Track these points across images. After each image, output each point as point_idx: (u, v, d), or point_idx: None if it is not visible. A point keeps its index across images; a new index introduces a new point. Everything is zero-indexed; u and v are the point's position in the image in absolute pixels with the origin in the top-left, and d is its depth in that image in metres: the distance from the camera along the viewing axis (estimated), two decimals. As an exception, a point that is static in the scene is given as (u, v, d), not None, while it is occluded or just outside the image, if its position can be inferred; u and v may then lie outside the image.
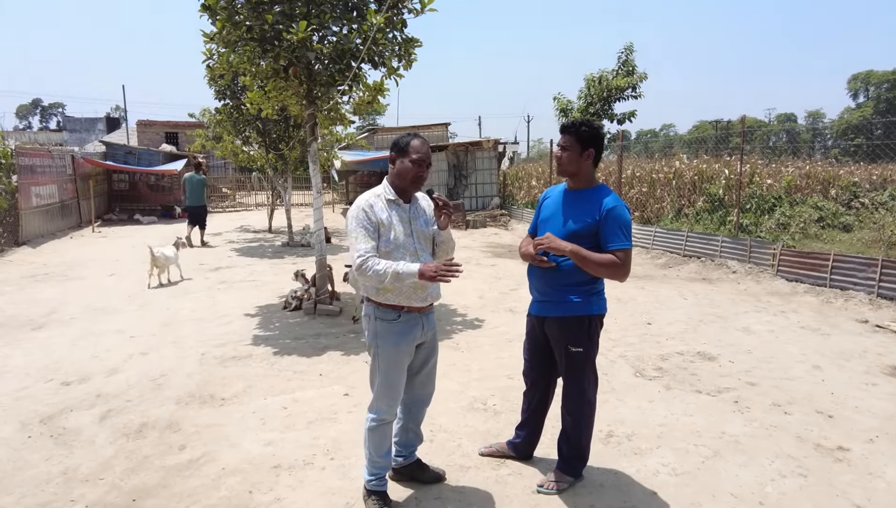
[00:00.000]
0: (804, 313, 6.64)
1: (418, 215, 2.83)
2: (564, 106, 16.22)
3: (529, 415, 3.27)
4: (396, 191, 2.77)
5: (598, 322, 2.94)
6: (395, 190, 2.78)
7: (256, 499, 2.96)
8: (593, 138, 2.88)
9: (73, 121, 45.82)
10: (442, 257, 2.90)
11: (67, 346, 5.50)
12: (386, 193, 2.77)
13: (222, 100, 12.03)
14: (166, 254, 8.38)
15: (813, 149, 18.69)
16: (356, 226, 2.69)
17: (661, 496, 2.98)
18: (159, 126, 33.16)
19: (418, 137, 2.77)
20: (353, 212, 2.72)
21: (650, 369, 4.82)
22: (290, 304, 6.92)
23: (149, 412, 4.00)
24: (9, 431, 3.73)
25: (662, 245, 10.68)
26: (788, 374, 4.71)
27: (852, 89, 57.76)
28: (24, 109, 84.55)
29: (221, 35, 5.84)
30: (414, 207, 2.84)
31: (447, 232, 2.86)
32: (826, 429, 3.72)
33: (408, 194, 2.82)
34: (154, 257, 8.11)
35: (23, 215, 12.48)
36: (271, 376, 4.71)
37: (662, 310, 6.79)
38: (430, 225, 2.87)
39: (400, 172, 2.76)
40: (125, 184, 20.46)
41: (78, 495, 3.01)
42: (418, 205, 2.87)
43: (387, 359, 2.76)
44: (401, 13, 5.96)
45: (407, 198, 2.82)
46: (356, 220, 2.69)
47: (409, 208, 2.81)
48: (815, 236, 9.51)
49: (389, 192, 2.77)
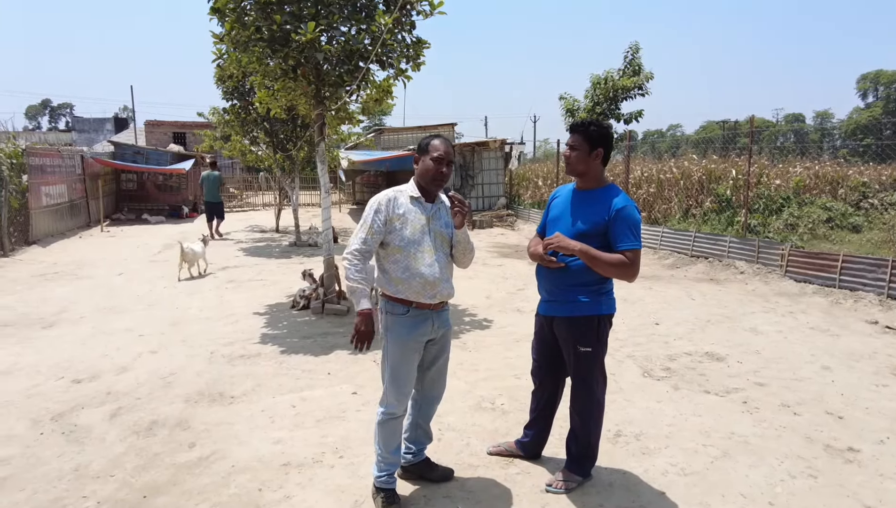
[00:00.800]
0: (813, 314, 6.60)
1: (440, 216, 2.88)
2: (571, 106, 16.17)
3: (538, 415, 3.27)
4: (420, 190, 2.84)
5: (607, 322, 2.93)
6: (420, 189, 2.85)
7: (266, 497, 2.98)
8: (602, 138, 2.88)
9: (81, 121, 46.12)
10: (460, 259, 2.94)
11: (78, 344, 5.55)
12: (411, 190, 2.85)
13: (230, 100, 12.09)
14: (194, 249, 9.00)
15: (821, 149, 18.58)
16: (369, 215, 2.78)
17: (669, 495, 2.97)
18: (167, 126, 33.35)
19: (439, 137, 2.87)
20: (372, 201, 2.81)
21: (658, 369, 4.81)
22: (298, 303, 6.95)
23: (158, 410, 4.03)
24: (21, 428, 3.77)
25: (670, 246, 10.64)
26: (797, 375, 4.69)
27: (861, 89, 57.39)
28: (33, 110, 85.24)
29: (230, 36, 5.87)
30: (436, 207, 2.89)
31: (463, 233, 2.89)
32: (836, 430, 3.71)
33: (431, 194, 2.87)
34: (183, 252, 8.73)
35: (33, 214, 12.58)
36: (280, 374, 4.73)
37: (670, 310, 6.77)
38: (450, 227, 2.91)
39: (422, 171, 2.83)
40: (133, 184, 20.57)
41: (89, 491, 3.04)
42: (442, 206, 2.92)
43: (395, 352, 2.80)
44: (409, 15, 5.97)
45: (431, 197, 2.87)
46: (371, 209, 2.79)
47: (430, 207, 2.86)
48: (824, 237, 9.45)
49: (414, 190, 2.84)
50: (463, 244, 2.90)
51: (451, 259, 2.92)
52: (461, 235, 2.88)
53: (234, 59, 6.28)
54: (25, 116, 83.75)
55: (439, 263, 2.80)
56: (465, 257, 2.95)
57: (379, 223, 2.75)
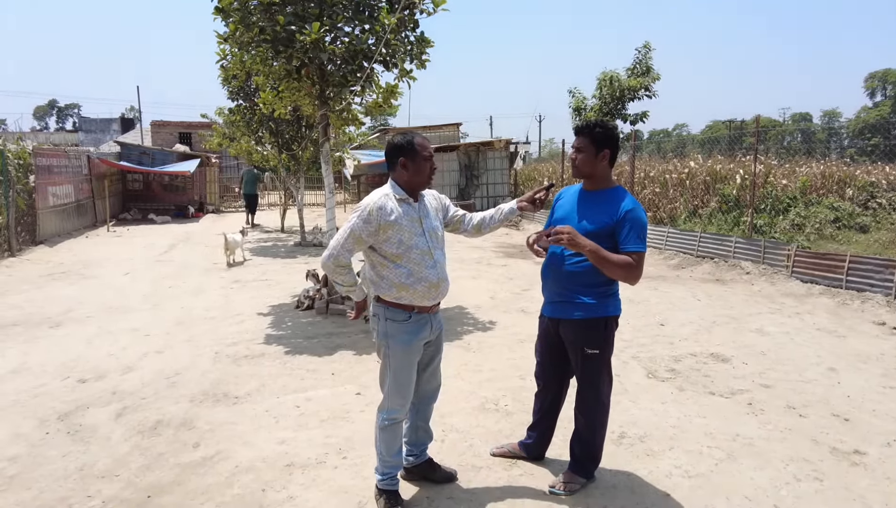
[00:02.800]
0: (819, 315, 6.56)
1: (427, 213, 2.85)
2: (580, 103, 16.12)
3: (541, 416, 3.26)
4: (406, 190, 2.78)
5: (613, 323, 2.92)
6: (405, 190, 2.78)
7: (269, 497, 2.98)
8: (608, 139, 2.87)
9: (88, 122, 46.40)
10: (483, 232, 3.13)
11: (84, 344, 5.57)
12: (395, 192, 2.77)
13: (235, 100, 12.14)
14: (236, 239, 10.31)
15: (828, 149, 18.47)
16: (357, 224, 2.69)
17: (674, 497, 2.96)
18: (173, 126, 33.43)
19: (418, 135, 2.82)
20: (359, 209, 2.71)
21: (663, 370, 4.79)
22: (303, 303, 6.97)
23: (163, 410, 4.04)
24: (28, 427, 3.79)
25: (675, 246, 10.60)
26: (803, 376, 4.66)
27: (869, 88, 56.97)
28: (41, 110, 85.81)
29: (235, 37, 5.89)
30: (422, 205, 2.85)
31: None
32: (842, 433, 3.68)
33: (417, 193, 2.83)
34: (227, 242, 10.07)
35: (40, 214, 12.66)
36: (284, 375, 4.74)
37: (675, 311, 6.74)
38: (440, 221, 2.92)
39: (415, 172, 2.76)
40: (139, 184, 20.68)
41: (94, 491, 3.05)
42: (425, 203, 2.88)
43: (397, 358, 2.77)
44: (413, 14, 5.97)
45: (416, 197, 2.83)
46: (359, 219, 2.69)
47: (418, 206, 2.82)
48: (831, 237, 9.40)
49: (399, 191, 2.77)
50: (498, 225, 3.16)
51: (445, 255, 2.92)
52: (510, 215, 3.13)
53: (238, 60, 6.30)
54: (33, 117, 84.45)
55: (439, 262, 2.80)
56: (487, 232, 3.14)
57: (368, 232, 2.68)
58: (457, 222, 3.09)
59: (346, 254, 2.75)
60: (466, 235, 3.13)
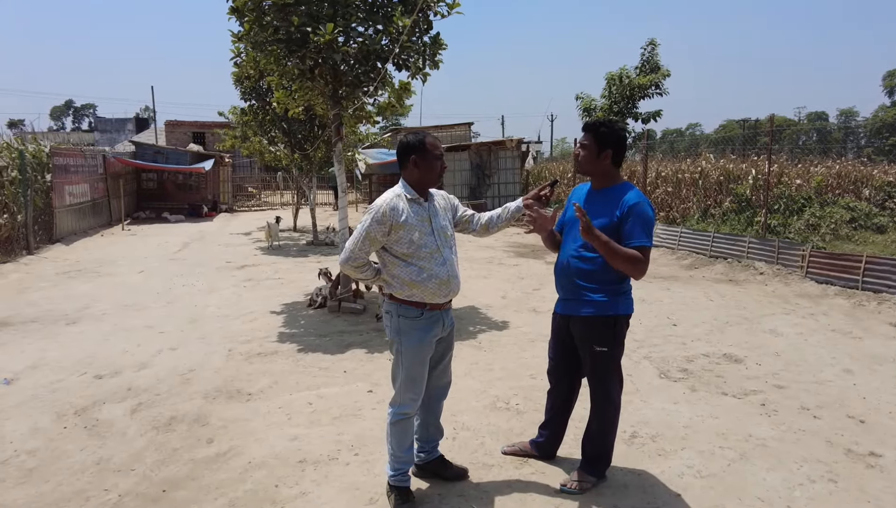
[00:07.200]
0: (835, 316, 6.49)
1: (437, 212, 2.89)
2: (588, 105, 16.04)
3: (553, 415, 3.26)
4: (417, 189, 2.83)
5: (624, 322, 2.92)
6: (416, 189, 2.83)
7: (282, 493, 3.01)
8: (612, 139, 2.87)
9: (104, 121, 46.99)
10: (491, 232, 3.14)
11: (100, 340, 5.65)
12: (406, 192, 2.82)
13: (248, 100, 12.23)
14: (276, 226, 12.45)
15: (845, 148, 18.23)
16: (372, 225, 2.74)
17: (685, 498, 2.95)
18: (187, 126, 33.77)
19: (429, 135, 2.88)
20: (372, 210, 2.76)
21: (675, 370, 4.76)
22: (315, 302, 7.01)
23: (178, 406, 4.09)
24: (46, 422, 3.86)
25: (688, 246, 10.53)
26: (818, 378, 4.61)
27: (888, 87, 56.06)
28: (57, 111, 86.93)
29: (249, 36, 5.93)
30: (431, 204, 2.89)
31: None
32: (857, 434, 3.64)
33: (426, 192, 2.88)
34: (269, 227, 12.30)
35: (57, 213, 12.84)
36: (296, 372, 4.78)
37: (688, 311, 6.70)
38: (448, 221, 2.96)
39: (426, 171, 2.81)
40: (153, 183, 20.91)
41: (111, 484, 3.10)
42: (435, 202, 2.92)
43: (410, 355, 2.81)
44: (427, 16, 5.98)
45: (426, 196, 2.87)
46: (372, 219, 2.74)
47: (427, 206, 2.85)
48: (847, 238, 9.28)
49: (409, 191, 2.82)
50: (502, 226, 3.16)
51: (456, 254, 2.95)
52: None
53: (251, 59, 6.35)
54: (50, 117, 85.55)
55: (448, 260, 2.83)
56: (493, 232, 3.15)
57: (381, 233, 2.73)
58: (465, 221, 3.12)
59: (363, 256, 2.81)
60: (475, 234, 3.16)
